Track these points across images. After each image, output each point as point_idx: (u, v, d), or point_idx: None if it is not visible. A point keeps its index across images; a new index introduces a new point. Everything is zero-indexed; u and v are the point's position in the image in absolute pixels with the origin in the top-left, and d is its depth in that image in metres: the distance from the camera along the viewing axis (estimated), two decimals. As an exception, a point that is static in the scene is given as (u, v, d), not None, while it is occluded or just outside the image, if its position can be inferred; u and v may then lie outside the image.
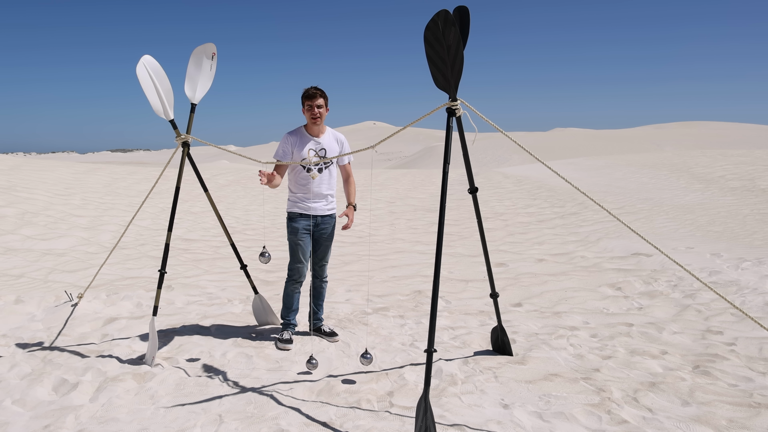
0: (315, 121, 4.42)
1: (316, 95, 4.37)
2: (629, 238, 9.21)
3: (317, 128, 4.48)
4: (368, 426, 3.29)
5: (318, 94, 4.38)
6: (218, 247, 9.50)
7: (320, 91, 4.40)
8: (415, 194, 16.96)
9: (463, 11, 3.78)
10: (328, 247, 4.69)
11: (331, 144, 4.56)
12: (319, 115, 4.40)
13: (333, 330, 4.83)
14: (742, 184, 15.79)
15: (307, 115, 4.43)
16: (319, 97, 4.39)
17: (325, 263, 4.73)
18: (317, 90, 4.39)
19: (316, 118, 4.40)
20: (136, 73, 4.45)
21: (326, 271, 4.79)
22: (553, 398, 3.64)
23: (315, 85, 4.43)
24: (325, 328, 4.83)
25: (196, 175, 4.99)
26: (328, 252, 4.72)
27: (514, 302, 6.03)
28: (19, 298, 5.80)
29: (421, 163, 63.81)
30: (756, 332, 4.80)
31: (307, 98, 4.38)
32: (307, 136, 4.49)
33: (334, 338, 4.73)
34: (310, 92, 4.38)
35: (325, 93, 4.44)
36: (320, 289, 4.80)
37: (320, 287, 4.79)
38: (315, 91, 4.38)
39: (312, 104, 4.37)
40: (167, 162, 4.86)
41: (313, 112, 4.39)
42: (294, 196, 4.56)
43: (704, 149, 31.67)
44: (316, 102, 4.38)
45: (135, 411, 3.57)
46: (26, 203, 11.30)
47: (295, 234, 4.54)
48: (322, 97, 4.41)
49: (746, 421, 3.33)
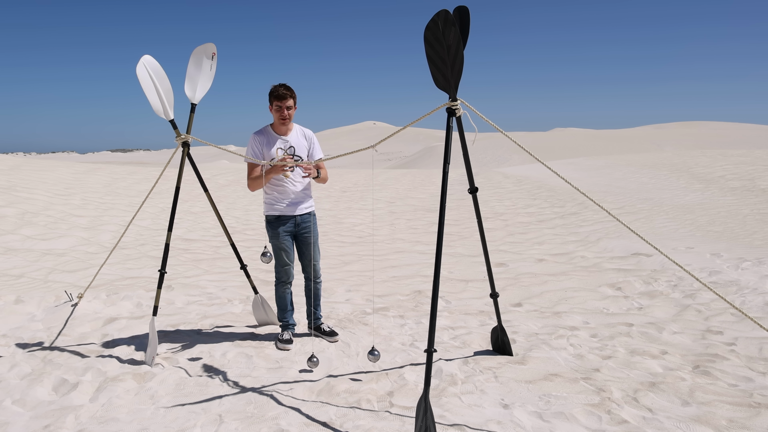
0: (284, 122, 4.34)
1: (286, 96, 4.27)
2: (629, 238, 9.21)
3: (285, 127, 4.40)
4: (368, 426, 3.29)
5: (288, 95, 4.28)
6: (218, 247, 9.51)
7: (290, 91, 4.30)
8: (415, 194, 16.97)
9: (463, 11, 3.78)
10: (315, 245, 4.57)
11: (299, 141, 4.47)
12: (288, 116, 4.32)
13: (333, 329, 4.79)
14: (742, 184, 15.79)
15: (275, 115, 4.33)
16: (289, 98, 4.29)
17: (316, 262, 4.60)
18: (287, 90, 4.28)
19: (284, 118, 4.32)
20: (136, 73, 4.45)
21: (318, 271, 4.67)
22: (553, 398, 3.64)
23: (284, 83, 4.31)
24: (324, 327, 4.79)
25: (196, 175, 4.99)
26: (316, 251, 4.59)
27: (514, 302, 6.03)
28: (19, 298, 5.80)
29: (421, 163, 63.81)
30: (756, 332, 4.80)
31: (277, 98, 4.27)
32: (275, 136, 4.40)
33: (334, 338, 4.70)
34: (280, 92, 4.26)
35: (294, 92, 4.32)
36: (315, 291, 4.70)
37: (315, 288, 4.69)
38: (285, 91, 4.27)
39: (282, 105, 4.28)
40: (167, 162, 4.86)
41: (282, 113, 4.30)
42: (269, 197, 4.45)
43: (704, 149, 31.67)
44: (286, 103, 4.28)
45: (135, 411, 3.57)
46: (26, 203, 11.30)
47: (277, 238, 4.46)
48: (292, 97, 4.31)
49: (746, 421, 3.33)
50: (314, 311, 4.77)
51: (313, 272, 4.62)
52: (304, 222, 4.50)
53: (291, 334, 4.67)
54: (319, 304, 4.78)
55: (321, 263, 4.84)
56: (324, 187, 17.11)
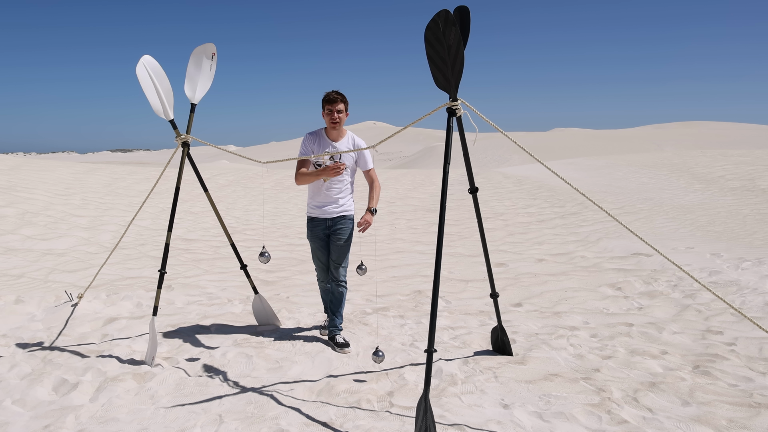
0: (334, 126, 4.43)
1: (336, 100, 4.38)
2: (629, 238, 9.21)
3: (336, 132, 4.49)
4: (368, 426, 3.29)
5: (339, 99, 4.39)
6: (218, 247, 9.50)
7: (341, 95, 4.41)
8: (415, 194, 16.97)
9: (463, 11, 3.78)
10: (342, 249, 4.57)
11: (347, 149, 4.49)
12: (339, 119, 4.40)
13: (347, 342, 4.58)
14: (742, 184, 15.79)
15: (326, 118, 4.43)
16: (339, 102, 4.39)
17: (339, 265, 4.58)
18: (338, 95, 4.40)
19: (335, 122, 4.41)
20: (136, 73, 4.45)
21: (342, 275, 4.60)
22: (553, 398, 3.64)
23: (336, 90, 4.43)
24: (339, 338, 4.59)
25: (196, 175, 4.99)
26: (343, 254, 4.58)
27: (514, 302, 6.03)
28: (19, 298, 5.80)
29: (421, 163, 63.81)
30: (756, 332, 4.80)
31: (328, 102, 4.39)
32: (326, 140, 4.50)
33: (345, 350, 4.50)
34: (331, 96, 4.39)
35: (346, 98, 4.45)
36: (337, 294, 4.62)
37: (336, 291, 4.62)
38: (336, 95, 4.39)
39: (332, 108, 4.38)
40: (167, 162, 4.86)
41: (333, 117, 4.39)
42: (309, 200, 4.62)
43: (704, 149, 31.67)
44: (336, 107, 4.38)
45: (135, 411, 3.57)
46: (26, 203, 11.30)
47: (311, 238, 4.64)
48: (343, 102, 4.41)
49: (746, 421, 3.33)
50: (333, 318, 4.67)
51: (336, 274, 4.60)
52: (336, 225, 4.55)
53: (344, 338, 4.60)
54: (338, 311, 4.65)
55: None
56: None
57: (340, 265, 4.59)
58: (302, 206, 14.36)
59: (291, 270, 7.97)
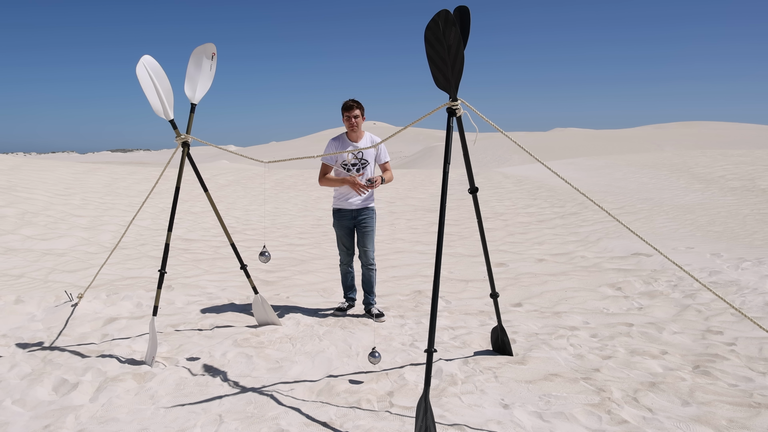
0: (352, 129, 5.17)
1: (353, 107, 5.12)
2: (629, 238, 9.21)
3: (355, 134, 5.23)
4: (368, 426, 3.29)
5: (354, 106, 5.13)
6: (218, 247, 9.51)
7: (356, 103, 5.15)
8: (415, 194, 16.97)
9: (463, 11, 3.78)
10: (369, 236, 5.32)
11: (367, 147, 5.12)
12: (356, 123, 5.14)
13: (381, 311, 5.41)
14: (742, 184, 15.79)
15: (346, 124, 5.17)
16: (355, 109, 5.13)
17: (367, 249, 5.32)
18: (354, 102, 5.14)
19: (353, 126, 5.15)
20: (136, 73, 4.45)
21: (371, 258, 5.35)
22: (553, 398, 3.64)
23: (353, 98, 5.19)
24: (374, 310, 5.40)
25: (196, 175, 4.99)
26: (369, 240, 5.32)
27: (514, 302, 6.03)
28: (19, 298, 5.80)
29: (421, 163, 63.81)
30: (756, 332, 4.80)
31: (345, 110, 5.13)
32: (348, 142, 5.25)
33: (381, 319, 5.30)
34: (347, 104, 5.14)
35: (362, 104, 5.19)
36: (367, 276, 5.39)
37: (367, 274, 5.38)
38: (352, 103, 5.13)
39: (350, 115, 5.12)
40: (167, 162, 4.86)
41: (350, 122, 5.13)
42: (337, 192, 5.34)
43: (704, 149, 31.67)
44: (353, 113, 5.12)
45: (135, 411, 3.57)
46: (26, 203, 11.30)
47: (337, 226, 5.36)
48: (358, 108, 5.15)
49: (746, 421, 3.33)
50: (367, 296, 5.45)
51: (366, 259, 5.33)
52: (360, 215, 5.30)
53: (345, 306, 5.51)
54: (371, 290, 5.43)
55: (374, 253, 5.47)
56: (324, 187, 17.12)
57: (369, 250, 5.32)
58: (302, 206, 14.44)
59: (291, 270, 7.97)
